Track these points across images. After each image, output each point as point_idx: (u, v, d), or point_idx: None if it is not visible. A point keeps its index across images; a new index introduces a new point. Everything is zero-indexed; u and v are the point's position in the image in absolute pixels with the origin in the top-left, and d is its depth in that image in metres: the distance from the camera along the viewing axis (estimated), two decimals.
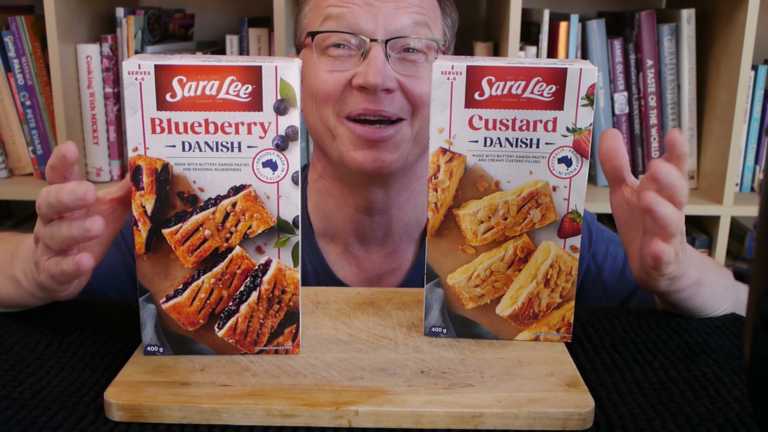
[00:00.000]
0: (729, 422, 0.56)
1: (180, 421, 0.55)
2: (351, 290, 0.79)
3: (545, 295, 0.65)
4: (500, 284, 0.65)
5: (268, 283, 0.61)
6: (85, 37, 1.54)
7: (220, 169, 0.58)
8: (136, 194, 0.58)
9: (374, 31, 0.81)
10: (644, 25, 1.50)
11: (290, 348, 0.63)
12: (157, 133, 0.57)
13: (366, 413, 0.55)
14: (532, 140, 0.61)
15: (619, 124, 1.55)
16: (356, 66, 0.82)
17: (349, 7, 0.81)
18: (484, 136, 0.61)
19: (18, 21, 1.50)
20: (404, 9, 0.82)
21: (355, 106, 0.82)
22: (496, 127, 0.61)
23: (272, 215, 0.59)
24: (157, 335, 0.62)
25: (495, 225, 0.64)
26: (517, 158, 0.62)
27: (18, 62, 1.52)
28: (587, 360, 0.66)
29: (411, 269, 0.94)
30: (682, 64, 1.52)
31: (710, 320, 0.75)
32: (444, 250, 0.65)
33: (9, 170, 1.62)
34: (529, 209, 0.63)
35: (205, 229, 0.59)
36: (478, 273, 0.65)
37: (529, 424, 0.55)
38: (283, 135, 0.58)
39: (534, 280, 0.65)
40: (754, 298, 0.40)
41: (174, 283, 0.61)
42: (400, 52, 0.83)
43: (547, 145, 0.61)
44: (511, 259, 0.64)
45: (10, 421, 0.55)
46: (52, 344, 0.68)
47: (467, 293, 0.66)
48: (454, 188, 0.63)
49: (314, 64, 0.84)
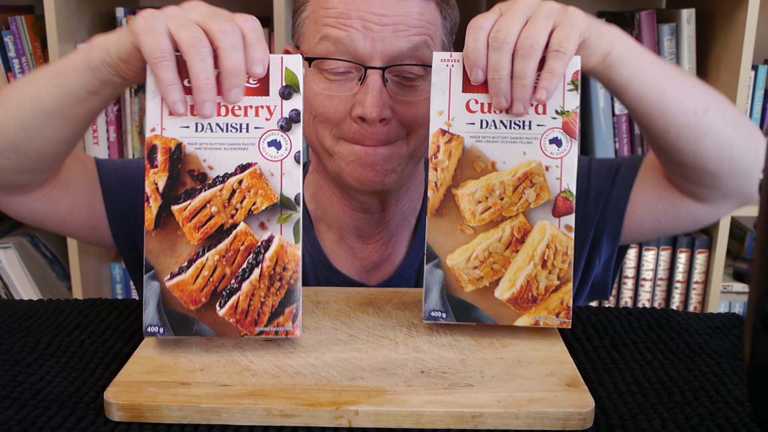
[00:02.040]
0: (729, 422, 0.56)
1: (180, 421, 0.55)
2: (351, 290, 0.79)
3: (543, 277, 0.66)
4: (498, 266, 0.66)
5: (270, 260, 0.63)
6: (85, 37, 1.54)
7: (229, 148, 0.62)
8: (150, 171, 0.62)
9: (371, 57, 0.80)
10: (644, 25, 1.50)
11: (290, 329, 0.63)
12: (173, 115, 0.62)
13: (366, 413, 0.55)
14: (524, 122, 0.65)
15: (619, 124, 1.56)
16: (353, 89, 0.81)
17: (347, 31, 0.79)
18: (480, 119, 0.66)
19: (18, 21, 1.50)
20: (403, 32, 0.80)
21: (351, 132, 0.82)
22: (491, 110, 0.66)
23: (275, 192, 0.63)
24: (158, 315, 0.62)
25: (492, 205, 0.66)
26: (511, 140, 0.66)
27: (18, 62, 1.53)
28: (587, 360, 0.66)
29: (406, 256, 0.94)
30: (682, 64, 1.52)
31: (710, 320, 0.75)
32: (443, 230, 0.67)
33: None
34: (524, 189, 0.66)
35: (212, 206, 0.63)
36: (476, 254, 0.66)
37: (529, 424, 0.55)
38: (287, 117, 0.63)
39: (531, 262, 0.66)
40: (754, 298, 0.40)
41: (179, 260, 0.63)
42: (398, 77, 0.82)
43: (538, 126, 0.66)
44: (509, 239, 0.66)
45: (10, 421, 0.55)
46: (52, 344, 0.68)
47: (466, 275, 0.66)
48: (452, 168, 0.66)
49: (311, 81, 0.84)
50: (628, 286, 1.59)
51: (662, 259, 1.57)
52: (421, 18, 0.81)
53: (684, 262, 1.56)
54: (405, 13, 0.79)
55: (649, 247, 1.57)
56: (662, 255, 1.57)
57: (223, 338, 0.64)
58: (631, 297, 1.59)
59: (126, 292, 1.68)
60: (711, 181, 0.78)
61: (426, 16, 0.81)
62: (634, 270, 1.58)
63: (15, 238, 1.65)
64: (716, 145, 0.75)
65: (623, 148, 1.57)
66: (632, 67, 0.71)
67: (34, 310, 0.76)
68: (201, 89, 0.61)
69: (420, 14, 0.80)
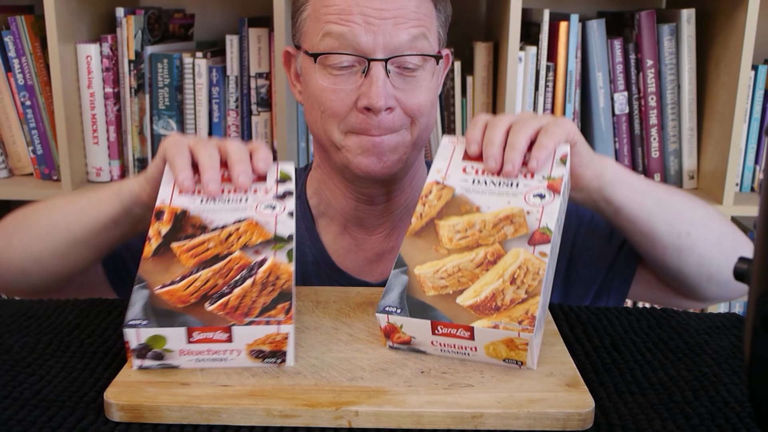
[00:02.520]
0: (729, 422, 0.56)
1: (180, 421, 0.55)
2: (351, 290, 0.79)
3: (510, 291, 0.63)
4: (466, 279, 0.64)
5: (263, 272, 0.63)
6: (85, 37, 1.54)
7: (229, 210, 0.69)
8: (155, 223, 0.67)
9: (374, 50, 0.84)
10: (644, 25, 1.50)
11: (282, 319, 0.60)
12: (183, 194, 0.70)
13: (366, 413, 0.55)
14: (512, 182, 0.71)
15: (619, 124, 1.55)
16: (357, 82, 0.85)
17: (349, 26, 0.83)
18: (473, 178, 0.72)
19: (18, 21, 1.50)
20: (402, 25, 0.84)
21: (358, 123, 0.86)
22: (484, 173, 0.72)
23: (270, 232, 0.67)
24: (143, 312, 0.60)
25: (470, 235, 0.67)
26: (498, 193, 0.70)
27: (18, 62, 1.52)
28: (587, 360, 0.66)
29: None
30: (682, 64, 1.52)
31: (710, 320, 0.75)
32: (419, 247, 0.67)
33: (9, 170, 1.62)
34: (503, 226, 0.67)
35: (210, 243, 0.66)
36: (446, 268, 0.65)
37: (529, 424, 0.55)
38: (281, 194, 0.71)
39: (501, 279, 0.64)
40: (754, 299, 0.40)
41: (173, 277, 0.63)
42: (399, 68, 0.86)
43: (525, 186, 0.70)
44: (481, 261, 0.65)
45: (10, 421, 0.55)
46: (52, 344, 0.68)
47: (431, 282, 0.64)
48: (439, 206, 0.70)
49: (316, 76, 0.87)
50: None
51: None
52: (417, 11, 0.86)
53: None
54: (403, 7, 0.84)
55: None
56: None
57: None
58: None
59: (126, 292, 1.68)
60: (692, 290, 0.86)
61: (422, 9, 0.87)
62: None
63: None
64: (697, 263, 0.81)
65: (623, 148, 1.57)
66: (625, 189, 0.77)
67: (34, 310, 0.76)
68: (207, 170, 0.70)
69: (417, 7, 0.85)
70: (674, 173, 1.59)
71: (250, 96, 1.54)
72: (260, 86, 1.54)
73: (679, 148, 1.57)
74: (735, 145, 1.46)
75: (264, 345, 0.60)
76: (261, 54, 1.52)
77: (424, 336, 0.63)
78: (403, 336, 0.64)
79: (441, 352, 0.64)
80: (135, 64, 1.52)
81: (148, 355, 0.60)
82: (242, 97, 1.55)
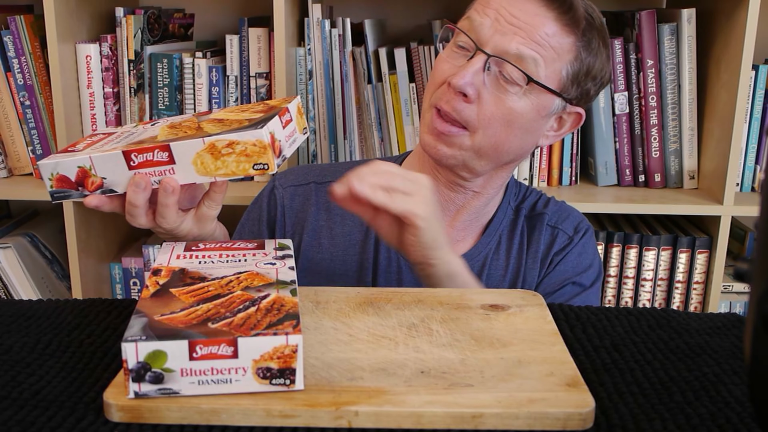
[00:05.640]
0: (729, 423, 0.55)
1: (180, 421, 0.55)
2: (351, 290, 0.79)
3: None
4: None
5: (267, 302, 0.62)
6: (84, 37, 1.54)
7: (228, 267, 0.71)
8: (153, 278, 0.68)
9: (486, 43, 0.91)
10: (644, 25, 1.50)
11: (290, 331, 0.57)
12: (179, 259, 0.73)
13: (366, 413, 0.55)
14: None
15: (619, 124, 1.55)
16: (461, 63, 0.93)
17: (482, 17, 0.91)
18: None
19: (18, 21, 1.50)
20: (520, 38, 0.89)
21: (438, 95, 0.93)
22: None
23: (273, 279, 0.68)
24: (142, 331, 0.58)
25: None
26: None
27: (17, 62, 1.52)
28: (587, 360, 0.66)
29: (472, 248, 1.05)
30: (682, 64, 1.52)
31: (711, 320, 0.75)
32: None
33: (8, 170, 1.62)
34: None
35: (210, 287, 0.66)
36: None
37: (529, 424, 0.55)
38: (281, 256, 0.74)
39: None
40: (754, 299, 0.40)
41: (173, 309, 0.61)
42: (500, 73, 0.91)
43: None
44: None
45: (10, 421, 0.55)
46: (52, 344, 0.68)
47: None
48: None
49: (445, 50, 0.97)
50: (628, 286, 1.59)
51: (663, 259, 1.57)
52: (546, 38, 0.90)
53: (684, 263, 1.56)
54: (533, 25, 0.89)
55: (650, 247, 1.56)
56: (663, 255, 1.57)
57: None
58: (631, 297, 1.59)
59: (126, 292, 1.68)
60: None
61: (556, 40, 0.91)
62: (634, 270, 1.58)
63: (15, 238, 1.65)
64: None
65: (623, 147, 1.57)
66: (447, 284, 0.84)
67: (33, 310, 0.76)
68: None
69: (548, 35, 0.90)
70: (674, 173, 1.59)
71: (249, 96, 1.54)
72: (260, 86, 1.54)
73: (679, 147, 1.57)
74: (735, 145, 1.46)
75: (272, 361, 0.57)
76: (261, 54, 1.52)
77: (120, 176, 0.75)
78: (95, 180, 0.75)
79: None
80: (135, 64, 1.52)
81: (147, 377, 0.56)
82: (242, 97, 1.55)
